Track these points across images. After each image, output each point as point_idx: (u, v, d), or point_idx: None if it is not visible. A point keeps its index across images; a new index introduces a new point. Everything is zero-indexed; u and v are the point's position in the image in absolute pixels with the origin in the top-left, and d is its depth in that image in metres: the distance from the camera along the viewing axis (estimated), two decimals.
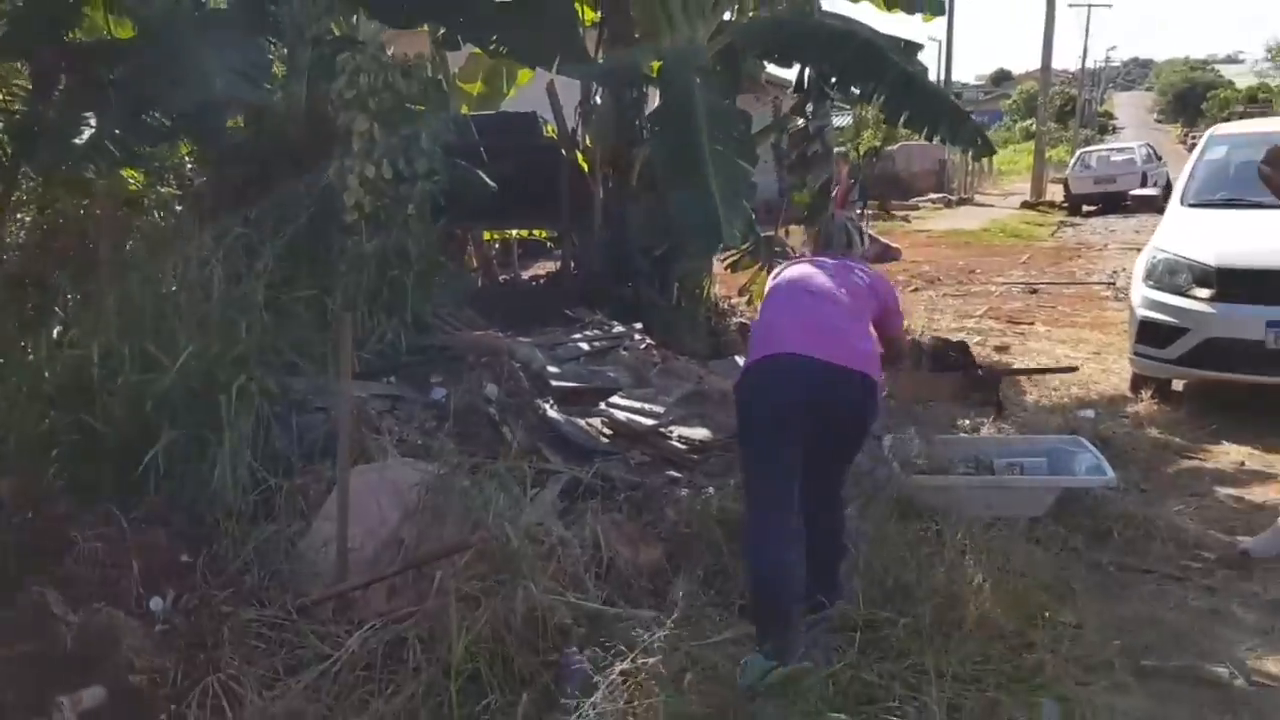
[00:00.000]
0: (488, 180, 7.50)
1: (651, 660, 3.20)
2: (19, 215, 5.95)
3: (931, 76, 7.64)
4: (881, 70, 6.61)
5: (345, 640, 3.54)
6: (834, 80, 7.09)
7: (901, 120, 6.77)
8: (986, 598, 3.99)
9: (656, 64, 6.97)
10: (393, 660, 3.46)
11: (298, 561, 3.98)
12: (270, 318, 4.59)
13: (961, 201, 33.07)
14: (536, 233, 10.45)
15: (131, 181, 7.56)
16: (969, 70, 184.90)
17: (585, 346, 6.21)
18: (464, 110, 9.16)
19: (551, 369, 5.75)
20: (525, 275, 9.61)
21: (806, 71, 7.51)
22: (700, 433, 5.42)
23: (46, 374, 4.42)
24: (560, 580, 3.74)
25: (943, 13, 7.70)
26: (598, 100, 8.04)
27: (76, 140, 5.35)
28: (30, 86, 6.12)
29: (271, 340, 4.42)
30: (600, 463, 5.05)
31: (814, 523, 3.87)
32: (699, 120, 6.28)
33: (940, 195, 32.63)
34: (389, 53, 6.40)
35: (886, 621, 3.75)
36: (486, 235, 10.70)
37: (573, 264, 8.44)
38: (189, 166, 7.31)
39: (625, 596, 3.91)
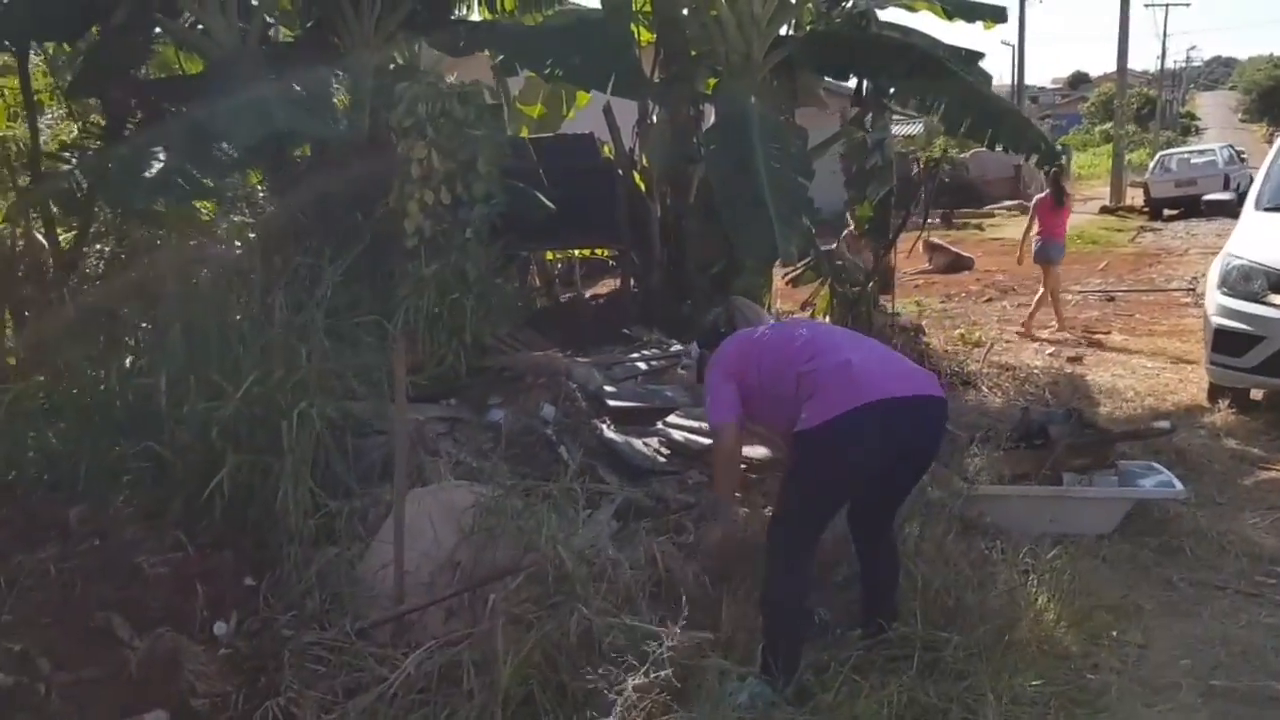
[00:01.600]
0: (546, 202, 7.57)
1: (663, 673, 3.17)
2: (97, 246, 6.15)
3: (1004, 81, 7.45)
4: (941, 80, 6.54)
5: (402, 663, 3.58)
6: (892, 91, 7.02)
7: (962, 129, 6.68)
8: (1050, 617, 3.91)
9: (712, 81, 6.98)
10: (448, 683, 3.48)
11: (357, 584, 4.04)
12: (330, 343, 4.67)
13: None
14: (599, 251, 10.52)
15: (203, 212, 7.85)
16: (1044, 74, 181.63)
17: (643, 366, 6.22)
18: (524, 133, 9.28)
19: (608, 389, 5.77)
20: (588, 294, 9.67)
21: (865, 84, 7.45)
22: (758, 451, 5.37)
23: (118, 403, 4.55)
24: (613, 601, 3.74)
25: (1004, 20, 7.58)
26: (654, 119, 8.08)
27: (146, 174, 5.50)
28: (104, 123, 6.34)
29: (331, 366, 4.50)
30: (656, 483, 5.06)
31: (873, 550, 3.88)
32: (754, 137, 6.28)
33: (1016, 202, 32.06)
34: (450, 79, 6.51)
35: (945, 642, 3.68)
36: (549, 255, 10.82)
37: (632, 282, 8.47)
38: (260, 196, 7.52)
39: (679, 617, 3.89)
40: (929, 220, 7.89)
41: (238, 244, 6.03)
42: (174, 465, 4.30)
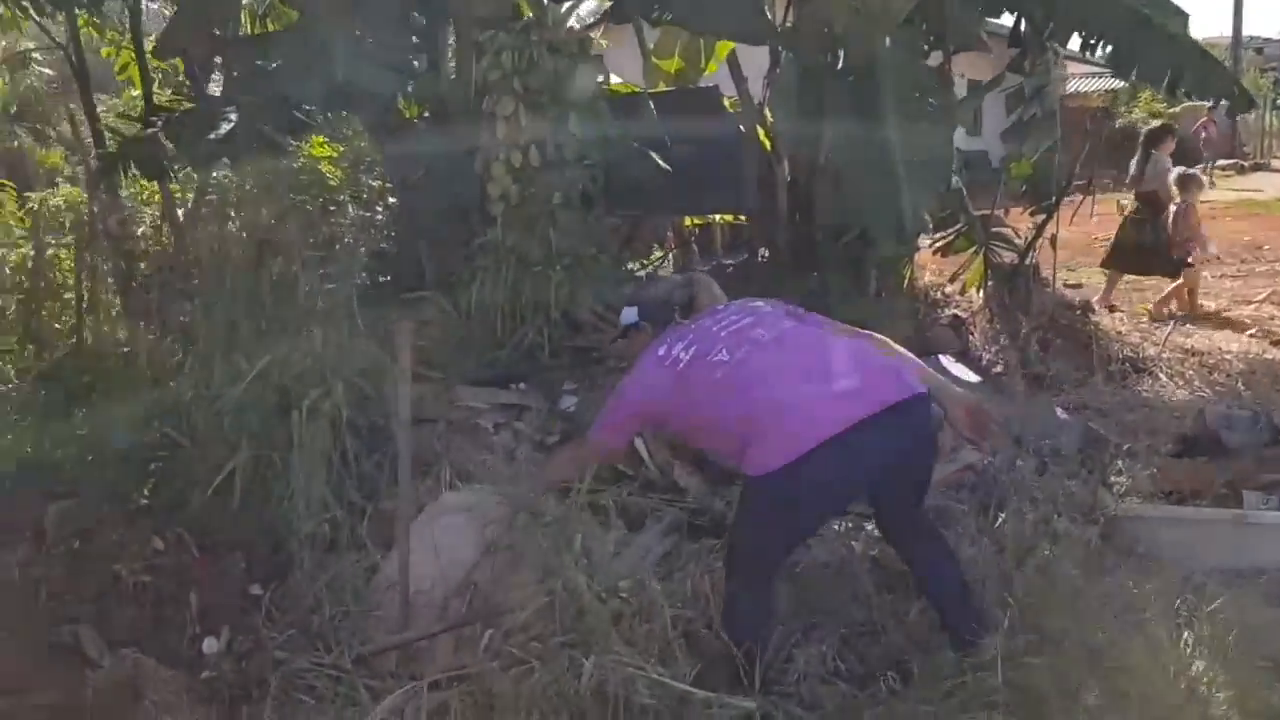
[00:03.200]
0: (660, 163, 6.90)
1: None
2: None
3: (1221, 31, 6.16)
4: (1107, 15, 5.49)
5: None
6: (1050, 27, 5.98)
7: (1134, 72, 5.62)
8: (1204, 688, 3.04)
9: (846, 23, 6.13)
10: None
11: (366, 602, 3.55)
12: (370, 320, 4.19)
13: (1256, 167, 29.47)
14: (742, 218, 9.75)
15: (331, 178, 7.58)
16: (1272, 23, 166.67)
17: None
18: (661, 88, 8.60)
19: None
20: (728, 264, 8.94)
21: (1021, 21, 6.40)
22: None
23: (145, 385, 4.20)
24: (643, 647, 3.09)
25: None
26: (782, 69, 7.24)
27: (214, 134, 5.15)
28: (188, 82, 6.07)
29: (363, 347, 4.00)
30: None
31: (922, 562, 3.35)
32: (885, 87, 5.44)
33: (1232, 161, 29.22)
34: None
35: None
36: (687, 222, 10.13)
37: (763, 252, 7.70)
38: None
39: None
40: (1093, 182, 6.66)
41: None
42: (191, 456, 3.91)
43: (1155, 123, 11.78)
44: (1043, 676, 3.03)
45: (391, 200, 7.33)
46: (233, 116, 5.38)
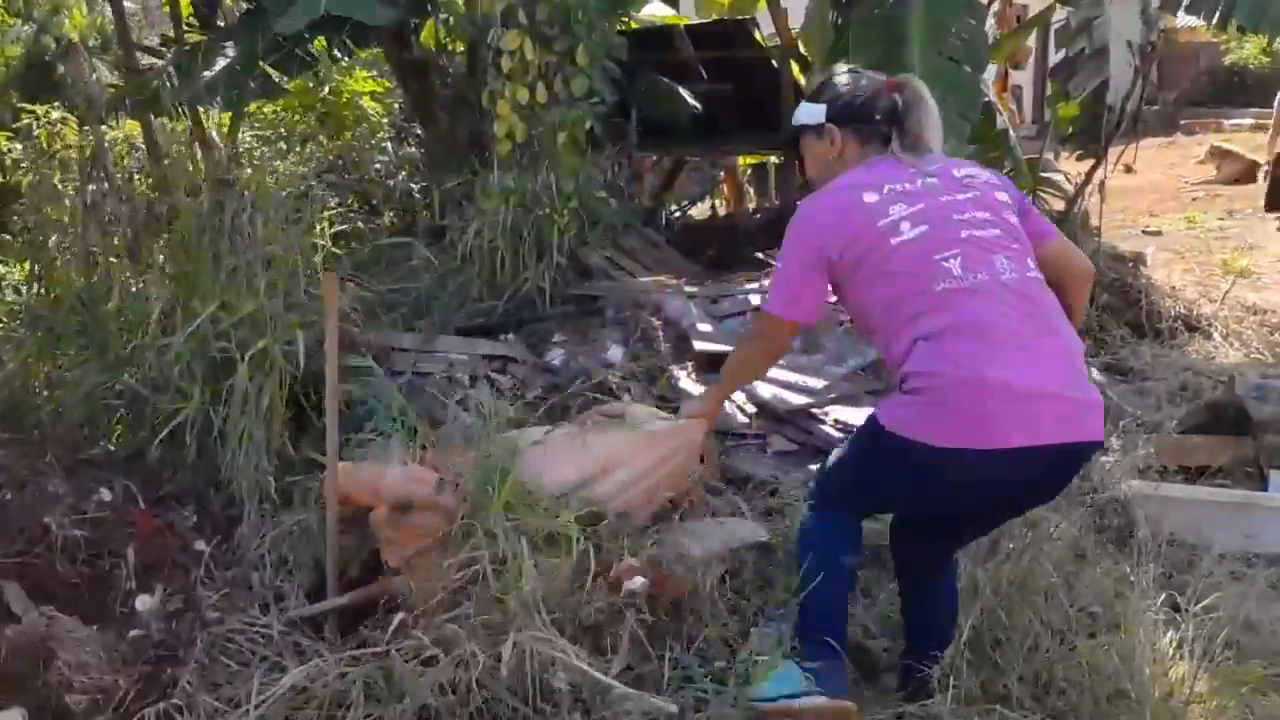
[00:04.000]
0: (690, 100, 6.59)
1: None
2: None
3: None
4: None
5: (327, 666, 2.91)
6: None
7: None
8: (1191, 688, 2.75)
9: None
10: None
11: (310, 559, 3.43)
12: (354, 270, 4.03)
13: None
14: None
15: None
16: None
17: (755, 300, 5.21)
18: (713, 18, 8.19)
19: (703, 326, 4.84)
20: (755, 212, 8.60)
21: None
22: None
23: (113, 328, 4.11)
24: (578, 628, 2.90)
25: None
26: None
27: (207, 73, 5.01)
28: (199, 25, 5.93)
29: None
30: (730, 447, 4.17)
31: (924, 582, 2.92)
32: (909, 17, 5.05)
33: None
34: None
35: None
36: (742, 161, 9.78)
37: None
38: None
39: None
40: (1139, 124, 6.06)
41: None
42: (148, 404, 3.82)
43: None
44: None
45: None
46: (230, 52, 5.22)
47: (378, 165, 8.53)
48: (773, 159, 8.97)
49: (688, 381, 4.50)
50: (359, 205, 7.63)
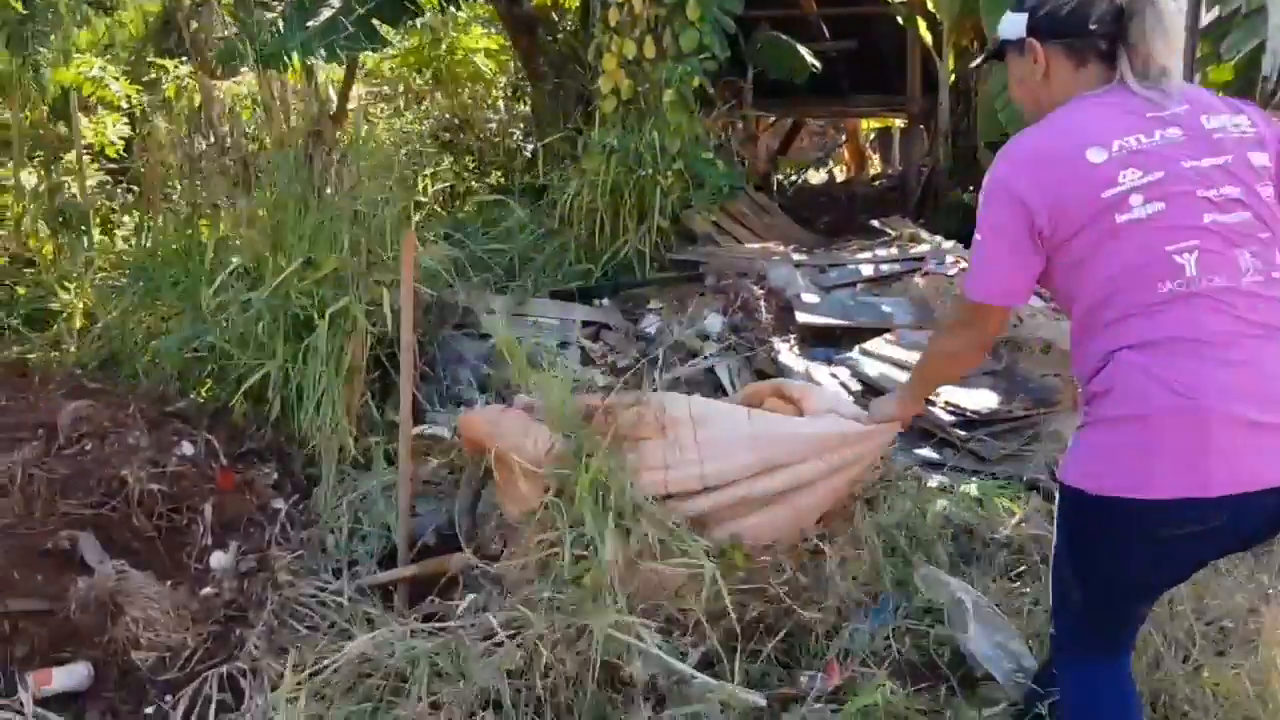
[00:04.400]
0: (809, 58, 6.29)
1: None
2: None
3: None
4: None
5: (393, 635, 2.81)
6: None
7: None
8: None
9: None
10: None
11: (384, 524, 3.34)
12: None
13: None
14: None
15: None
16: None
17: (867, 270, 4.92)
18: None
19: (809, 297, 4.59)
20: (876, 178, 8.24)
21: None
22: (982, 399, 4.03)
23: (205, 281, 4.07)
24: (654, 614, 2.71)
25: None
26: None
27: (311, 23, 4.94)
28: None
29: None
30: None
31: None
32: None
33: None
34: None
35: None
36: (864, 124, 9.42)
37: (923, 163, 6.98)
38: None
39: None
40: None
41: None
42: (233, 361, 3.78)
43: None
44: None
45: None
46: (335, 2, 5.15)
47: (492, 124, 8.46)
48: (898, 123, 8.58)
49: (789, 355, 4.26)
50: (472, 164, 7.58)
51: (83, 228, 5.25)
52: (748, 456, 2.65)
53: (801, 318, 4.41)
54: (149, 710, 2.78)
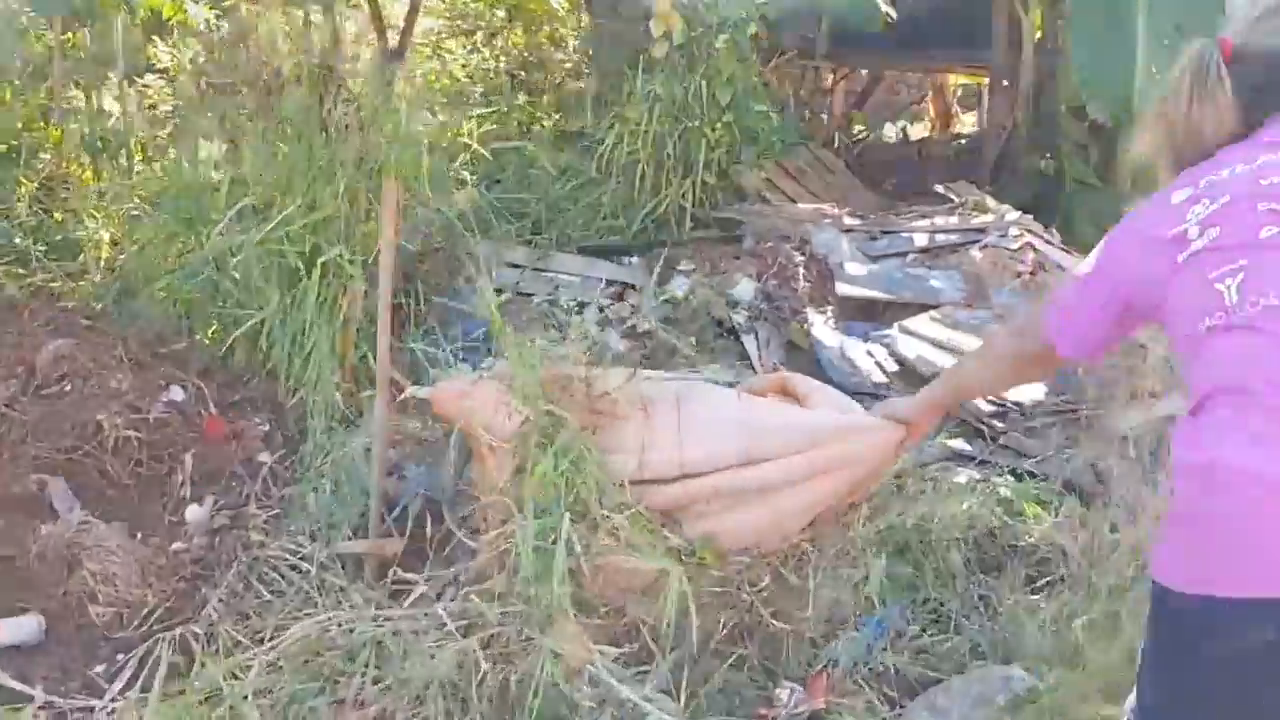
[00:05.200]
0: (884, 6, 5.88)
1: None
2: None
3: None
4: None
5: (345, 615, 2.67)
6: None
7: None
8: None
9: None
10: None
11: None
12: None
13: None
14: None
15: None
16: None
17: (921, 240, 4.57)
18: None
19: (852, 267, 4.27)
20: (951, 139, 7.76)
21: None
22: (1027, 389, 3.68)
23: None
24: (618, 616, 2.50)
25: None
26: None
27: None
28: None
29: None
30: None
31: None
32: None
33: None
34: None
35: None
36: (953, 79, 8.92)
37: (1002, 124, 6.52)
38: None
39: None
40: None
41: None
42: (230, 306, 3.63)
43: None
44: None
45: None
46: None
47: (567, 64, 8.18)
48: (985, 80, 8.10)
49: (823, 328, 3.97)
50: (546, 107, 7.32)
51: (123, 153, 5.15)
52: (732, 443, 2.41)
53: (842, 289, 4.11)
54: (98, 669, 2.69)
